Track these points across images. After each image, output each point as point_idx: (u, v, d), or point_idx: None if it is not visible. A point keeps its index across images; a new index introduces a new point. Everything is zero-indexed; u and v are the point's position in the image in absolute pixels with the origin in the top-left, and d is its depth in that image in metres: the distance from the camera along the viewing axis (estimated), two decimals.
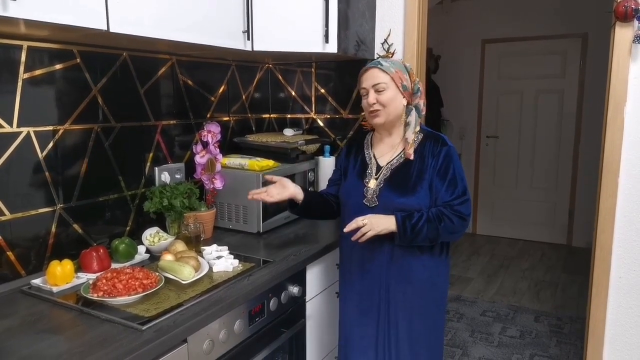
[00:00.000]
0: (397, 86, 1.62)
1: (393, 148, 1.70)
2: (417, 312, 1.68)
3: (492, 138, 5.34)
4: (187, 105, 2.19)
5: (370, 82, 1.63)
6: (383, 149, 1.73)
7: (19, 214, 1.55)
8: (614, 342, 2.19)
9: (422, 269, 1.66)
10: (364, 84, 1.65)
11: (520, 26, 4.95)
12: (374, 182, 1.67)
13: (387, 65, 1.63)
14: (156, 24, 1.57)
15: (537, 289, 4.00)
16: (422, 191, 1.61)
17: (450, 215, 1.58)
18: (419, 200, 1.60)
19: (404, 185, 1.62)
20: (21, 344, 1.17)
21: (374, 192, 1.65)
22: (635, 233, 2.09)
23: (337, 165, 1.93)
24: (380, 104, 1.62)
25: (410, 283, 1.66)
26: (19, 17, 1.18)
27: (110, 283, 1.41)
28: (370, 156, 1.73)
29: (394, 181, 1.64)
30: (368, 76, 1.64)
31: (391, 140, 1.71)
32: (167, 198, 1.91)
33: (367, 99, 1.63)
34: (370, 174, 1.69)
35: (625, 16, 1.95)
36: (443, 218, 1.57)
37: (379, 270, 1.68)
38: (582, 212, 4.91)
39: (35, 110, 1.58)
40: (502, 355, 2.95)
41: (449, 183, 1.61)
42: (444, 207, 1.59)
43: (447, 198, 1.60)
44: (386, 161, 1.69)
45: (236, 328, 1.49)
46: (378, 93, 1.62)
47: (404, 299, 1.67)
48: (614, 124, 2.06)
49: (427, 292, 1.68)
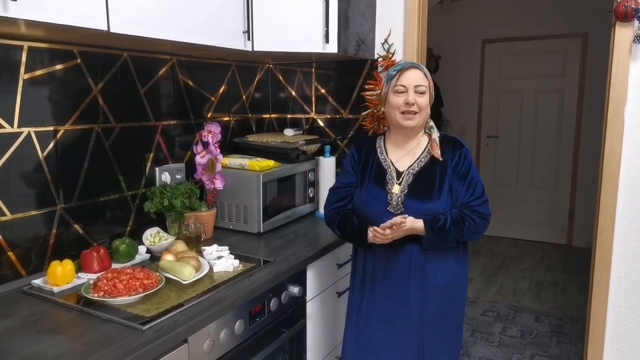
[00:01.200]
0: (430, 94, 1.62)
1: (410, 153, 1.67)
2: (442, 314, 1.66)
3: (492, 138, 5.34)
4: (187, 106, 2.19)
5: (412, 82, 1.58)
6: (399, 154, 1.69)
7: (19, 214, 1.56)
8: (615, 342, 2.19)
9: (449, 272, 1.65)
10: (404, 82, 1.59)
11: (520, 26, 4.94)
12: (397, 187, 1.62)
13: (426, 71, 1.63)
14: (156, 25, 1.57)
15: (538, 289, 4.00)
16: (445, 194, 1.61)
17: (472, 215, 1.58)
18: (443, 204, 1.60)
19: (429, 190, 1.60)
20: (22, 344, 1.18)
21: (398, 198, 1.61)
22: (635, 233, 2.09)
23: (346, 168, 1.78)
24: (418, 106, 1.59)
25: (438, 286, 1.63)
26: (20, 18, 1.18)
27: (111, 283, 1.41)
28: (387, 161, 1.68)
29: (418, 186, 1.61)
30: (410, 76, 1.59)
31: (408, 145, 1.68)
32: (167, 198, 1.92)
33: (407, 97, 1.58)
34: (392, 179, 1.64)
35: (626, 16, 1.95)
36: (466, 219, 1.57)
37: (403, 275, 1.63)
38: (582, 212, 4.90)
39: (35, 110, 1.58)
40: (503, 355, 2.95)
41: (469, 184, 1.62)
42: (465, 208, 1.59)
43: (467, 199, 1.61)
44: (406, 166, 1.65)
45: (237, 328, 1.49)
46: (418, 95, 1.58)
47: (432, 302, 1.63)
48: (614, 123, 2.06)
49: (454, 292, 1.68)
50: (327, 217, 1.78)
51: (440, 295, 1.65)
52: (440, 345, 1.68)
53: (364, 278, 1.72)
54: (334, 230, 1.75)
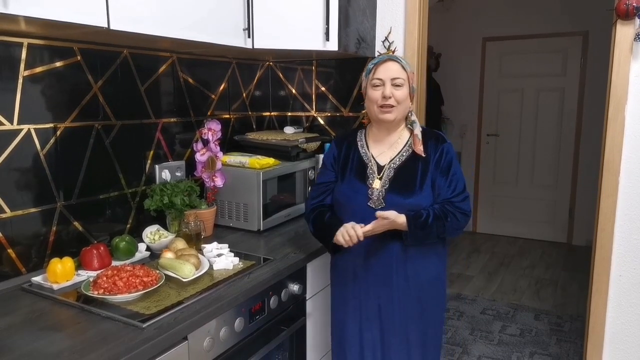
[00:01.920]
0: (409, 86, 1.60)
1: (391, 147, 1.66)
2: (425, 310, 1.66)
3: (493, 136, 5.34)
4: (187, 103, 2.19)
5: (388, 75, 1.57)
6: (380, 148, 1.67)
7: (19, 211, 1.56)
8: (614, 340, 2.19)
9: (430, 267, 1.65)
10: (380, 75, 1.57)
11: (521, 24, 4.94)
12: (378, 182, 1.60)
13: (405, 62, 1.61)
14: (156, 22, 1.57)
15: (537, 287, 4.00)
16: (427, 189, 1.59)
17: (454, 211, 1.58)
18: (424, 199, 1.59)
19: (411, 184, 1.59)
20: (22, 341, 1.18)
21: (379, 193, 1.59)
22: (635, 231, 2.09)
23: (327, 164, 1.75)
24: (395, 100, 1.57)
25: (419, 283, 1.63)
26: (19, 14, 1.18)
27: (111, 280, 1.41)
28: (368, 155, 1.67)
29: (399, 181, 1.60)
30: (387, 68, 1.57)
31: (389, 139, 1.67)
32: (167, 196, 1.91)
33: (383, 91, 1.56)
34: (372, 174, 1.63)
35: (627, 14, 1.94)
36: (448, 215, 1.57)
37: (385, 271, 1.62)
38: (582, 210, 4.91)
39: (35, 107, 1.58)
40: (502, 353, 2.95)
41: (451, 180, 1.61)
42: (447, 204, 1.59)
43: (449, 195, 1.60)
44: (387, 160, 1.64)
45: (236, 326, 1.49)
46: (395, 88, 1.57)
47: (414, 298, 1.64)
48: (615, 122, 2.06)
49: (435, 288, 1.68)
50: (305, 212, 1.77)
51: (423, 292, 1.64)
52: (424, 340, 1.69)
53: (345, 275, 1.70)
54: (309, 226, 1.74)
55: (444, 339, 3.11)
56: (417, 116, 2.41)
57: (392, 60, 1.59)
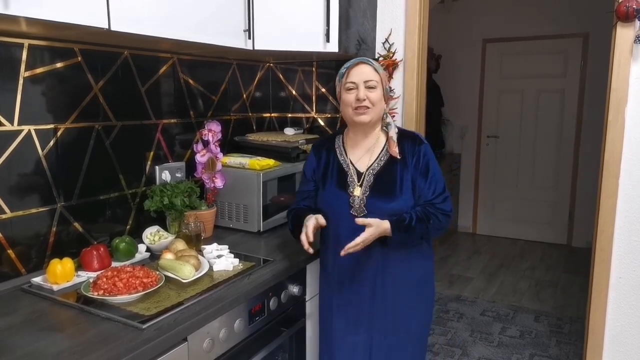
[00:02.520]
0: (382, 87, 1.61)
1: (369, 151, 1.65)
2: (413, 312, 1.67)
3: (493, 138, 5.34)
4: (188, 104, 2.19)
5: (361, 78, 1.57)
6: (358, 153, 1.67)
7: (19, 212, 1.56)
8: (614, 342, 2.19)
9: (416, 268, 1.66)
10: (353, 78, 1.58)
11: (521, 26, 4.94)
12: (358, 190, 1.60)
13: (377, 65, 1.61)
14: (157, 23, 1.57)
15: (537, 288, 4.00)
16: (408, 192, 1.60)
17: (435, 213, 1.58)
18: (406, 202, 1.59)
19: (391, 189, 1.59)
20: (22, 342, 1.18)
21: (361, 200, 1.59)
22: (635, 233, 2.09)
23: (307, 175, 1.76)
24: (370, 102, 1.57)
25: (406, 285, 1.64)
26: (20, 15, 1.18)
27: (111, 281, 1.41)
28: (347, 162, 1.66)
29: (379, 187, 1.60)
30: (359, 71, 1.58)
31: (366, 143, 1.67)
32: (167, 197, 1.92)
33: (357, 94, 1.57)
34: (353, 181, 1.62)
35: (627, 16, 1.94)
36: (430, 216, 1.57)
37: (372, 276, 1.62)
38: (582, 212, 4.91)
39: (36, 108, 1.58)
40: (502, 355, 2.95)
41: (430, 181, 1.61)
42: (428, 206, 1.59)
43: (430, 196, 1.61)
44: (365, 166, 1.63)
45: (236, 327, 1.49)
46: (369, 90, 1.57)
47: (400, 300, 1.64)
48: (615, 124, 2.06)
49: (422, 290, 1.69)
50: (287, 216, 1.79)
51: (410, 292, 1.65)
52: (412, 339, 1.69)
53: (331, 280, 1.71)
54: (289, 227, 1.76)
55: (444, 340, 3.11)
56: (418, 117, 2.43)
57: (364, 63, 1.60)
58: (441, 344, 3.07)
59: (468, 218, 5.55)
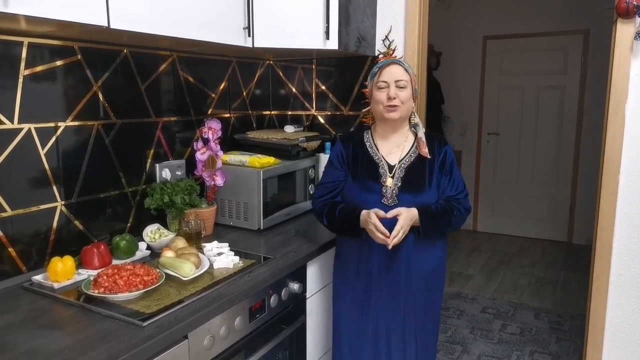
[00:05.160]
0: (412, 88, 1.69)
1: (399, 146, 1.74)
2: (429, 297, 1.76)
3: (493, 135, 5.33)
4: (187, 102, 2.19)
5: (392, 77, 1.66)
6: (388, 147, 1.75)
7: (20, 210, 1.56)
8: (614, 339, 2.19)
9: (434, 258, 1.75)
10: (385, 78, 1.67)
11: (521, 22, 4.93)
12: (390, 180, 1.68)
13: (407, 66, 1.71)
14: (156, 21, 1.57)
15: (538, 285, 4.00)
16: (434, 188, 1.70)
17: (459, 207, 1.70)
18: (432, 197, 1.69)
19: (420, 183, 1.69)
20: (23, 340, 1.18)
21: (392, 191, 1.67)
22: (635, 230, 2.09)
23: (334, 164, 1.79)
24: (400, 100, 1.66)
25: (425, 272, 1.72)
26: (20, 14, 1.18)
27: (111, 279, 1.41)
28: (378, 155, 1.73)
29: (410, 180, 1.68)
30: (390, 71, 1.67)
31: (396, 139, 1.75)
32: (168, 195, 1.92)
33: (388, 92, 1.65)
34: (384, 172, 1.70)
35: (627, 13, 1.94)
36: (454, 209, 1.69)
37: (394, 264, 1.69)
38: (582, 208, 4.91)
39: (36, 106, 1.58)
40: (502, 352, 2.95)
41: (453, 179, 1.73)
42: (452, 201, 1.70)
43: (452, 193, 1.72)
44: (397, 160, 1.72)
45: (237, 324, 1.50)
46: (399, 89, 1.66)
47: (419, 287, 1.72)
48: (615, 120, 2.05)
49: (439, 275, 1.79)
50: (316, 209, 1.80)
51: (428, 280, 1.74)
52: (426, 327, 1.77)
53: (358, 269, 1.75)
54: (322, 221, 1.78)
55: (444, 337, 3.11)
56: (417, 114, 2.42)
57: (396, 64, 1.69)
58: (442, 341, 3.07)
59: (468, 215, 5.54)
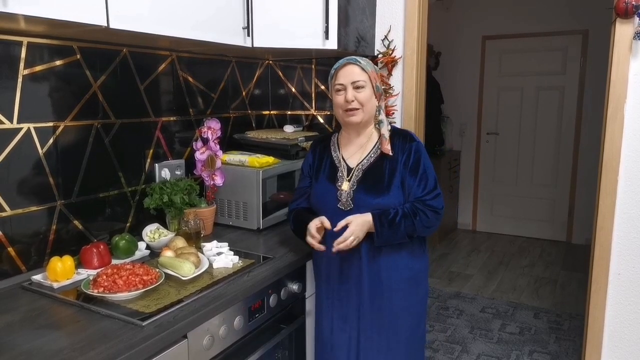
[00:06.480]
0: (372, 86, 1.61)
1: (361, 148, 1.67)
2: (403, 310, 1.65)
3: (492, 135, 5.34)
4: (187, 102, 2.19)
5: (349, 79, 1.58)
6: (351, 150, 1.69)
7: (19, 210, 1.56)
8: (613, 338, 2.19)
9: (404, 267, 1.64)
10: (341, 80, 1.59)
11: (520, 23, 4.94)
12: (346, 184, 1.63)
13: (365, 63, 1.61)
14: (156, 21, 1.57)
15: (537, 285, 4.01)
16: (396, 189, 1.60)
17: (424, 209, 1.58)
18: (393, 198, 1.59)
19: (379, 185, 1.60)
20: (22, 339, 1.18)
21: (348, 195, 1.62)
22: (634, 230, 2.09)
23: (304, 171, 1.81)
24: (358, 102, 1.58)
25: (394, 284, 1.63)
26: (19, 13, 1.18)
27: (111, 279, 1.41)
28: (339, 158, 1.69)
29: (367, 182, 1.61)
30: (346, 72, 1.59)
31: (359, 141, 1.69)
32: (167, 194, 1.92)
33: (345, 95, 1.58)
34: (342, 176, 1.65)
35: (626, 13, 1.94)
36: (418, 212, 1.57)
37: (357, 273, 1.63)
38: (581, 208, 4.91)
39: (35, 106, 1.58)
40: (502, 351, 2.95)
41: (420, 178, 1.61)
42: (417, 202, 1.59)
43: (420, 193, 1.60)
44: (356, 162, 1.66)
45: (236, 324, 1.50)
46: (357, 90, 1.58)
47: (388, 299, 1.63)
48: (614, 120, 2.06)
49: (412, 291, 1.67)
50: (287, 215, 1.82)
51: (398, 292, 1.64)
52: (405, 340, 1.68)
53: (320, 275, 1.74)
54: (290, 226, 1.79)
55: (444, 337, 3.12)
56: (417, 115, 2.43)
57: (351, 64, 1.59)
58: (441, 340, 3.08)
59: (467, 215, 5.55)
